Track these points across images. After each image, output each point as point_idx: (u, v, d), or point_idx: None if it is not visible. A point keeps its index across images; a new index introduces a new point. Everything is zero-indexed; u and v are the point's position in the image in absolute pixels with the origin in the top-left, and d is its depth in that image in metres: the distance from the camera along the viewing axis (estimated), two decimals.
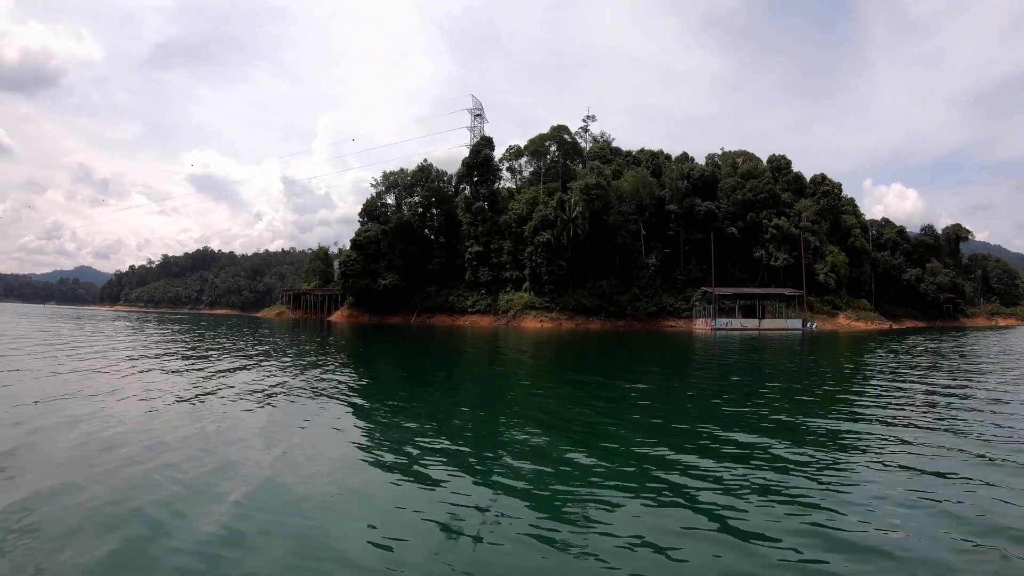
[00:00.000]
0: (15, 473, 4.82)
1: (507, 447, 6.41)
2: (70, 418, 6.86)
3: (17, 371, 10.85)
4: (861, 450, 6.18)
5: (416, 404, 9.46)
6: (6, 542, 3.55)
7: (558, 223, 58.37)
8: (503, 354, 22.63)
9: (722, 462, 5.65)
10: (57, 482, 4.58)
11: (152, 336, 24.75)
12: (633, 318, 58.79)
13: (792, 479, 5.09)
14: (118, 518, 3.94)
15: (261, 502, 4.33)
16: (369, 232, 65.43)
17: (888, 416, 8.09)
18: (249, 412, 7.72)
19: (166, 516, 3.99)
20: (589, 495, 4.69)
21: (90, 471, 4.91)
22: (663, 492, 4.79)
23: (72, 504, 4.16)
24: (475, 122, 72.90)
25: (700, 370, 16.47)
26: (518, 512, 4.33)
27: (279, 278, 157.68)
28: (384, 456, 5.89)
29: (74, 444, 5.77)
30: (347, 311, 66.72)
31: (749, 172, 66.58)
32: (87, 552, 3.45)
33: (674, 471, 5.31)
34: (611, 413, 8.39)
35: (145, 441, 5.96)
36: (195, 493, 4.48)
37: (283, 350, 19.75)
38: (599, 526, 4.04)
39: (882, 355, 20.99)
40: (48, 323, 35.67)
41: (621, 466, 5.49)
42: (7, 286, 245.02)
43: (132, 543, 3.58)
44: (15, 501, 4.15)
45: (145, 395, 8.67)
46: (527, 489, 4.85)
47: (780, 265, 62.21)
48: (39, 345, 17.02)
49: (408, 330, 44.39)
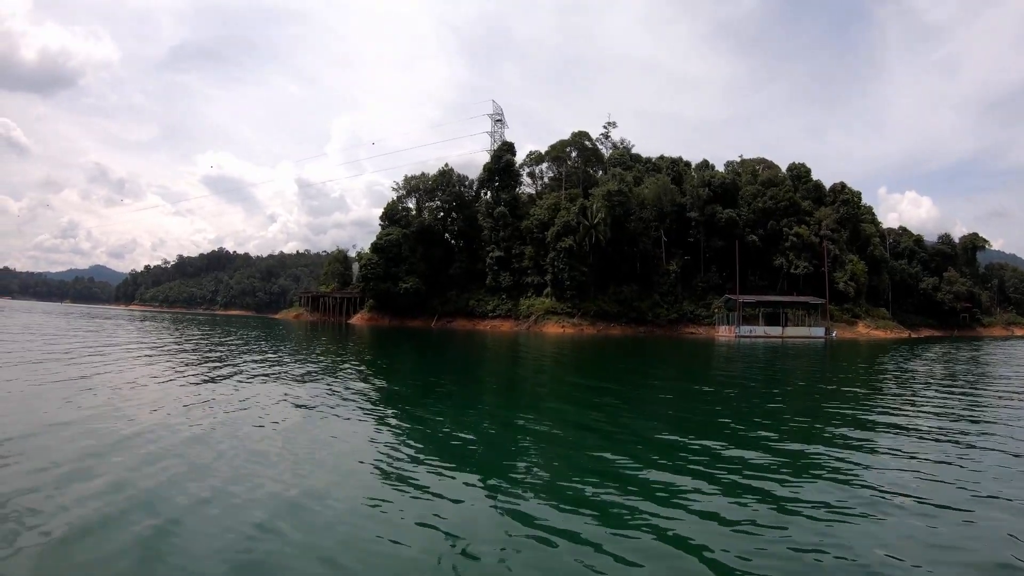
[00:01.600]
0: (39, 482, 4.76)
1: (549, 455, 6.47)
2: (92, 418, 6.95)
3: (82, 378, 11.15)
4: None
5: (449, 408, 9.63)
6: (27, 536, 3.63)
7: (580, 229, 58.67)
8: (536, 359, 22.89)
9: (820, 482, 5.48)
10: (73, 489, 4.54)
11: (192, 338, 25.05)
12: (654, 324, 59.00)
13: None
14: (127, 520, 3.97)
15: (279, 510, 4.35)
16: (390, 236, 65.87)
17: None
18: (274, 416, 7.78)
19: (181, 521, 4.03)
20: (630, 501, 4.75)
21: (105, 471, 5.00)
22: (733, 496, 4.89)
23: (86, 508, 4.16)
24: (495, 127, 73.41)
25: (769, 381, 16.58)
26: (538, 517, 4.35)
27: (294, 280, 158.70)
28: (409, 457, 5.98)
29: (88, 443, 5.86)
30: (367, 314, 67.12)
31: (769, 180, 66.82)
32: (101, 554, 3.48)
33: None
34: (698, 431, 8.15)
35: (184, 439, 6.17)
36: (214, 496, 4.52)
37: (312, 353, 20.19)
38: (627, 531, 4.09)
39: (923, 363, 21.17)
40: (86, 322, 36.13)
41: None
42: (23, 284, 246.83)
43: (138, 546, 3.61)
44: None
45: (190, 399, 8.84)
46: (551, 495, 4.88)
47: (800, 273, 62.32)
48: (99, 348, 17.38)
49: (430, 334, 44.78)
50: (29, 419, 6.83)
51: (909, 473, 5.75)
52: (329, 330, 45.76)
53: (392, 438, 6.97)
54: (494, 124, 73.60)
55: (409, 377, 15.39)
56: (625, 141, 72.65)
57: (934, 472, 5.83)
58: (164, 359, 15.03)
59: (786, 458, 6.36)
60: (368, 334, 41.65)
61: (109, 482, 4.77)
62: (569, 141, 68.11)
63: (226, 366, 14.00)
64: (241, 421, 7.35)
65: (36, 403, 7.86)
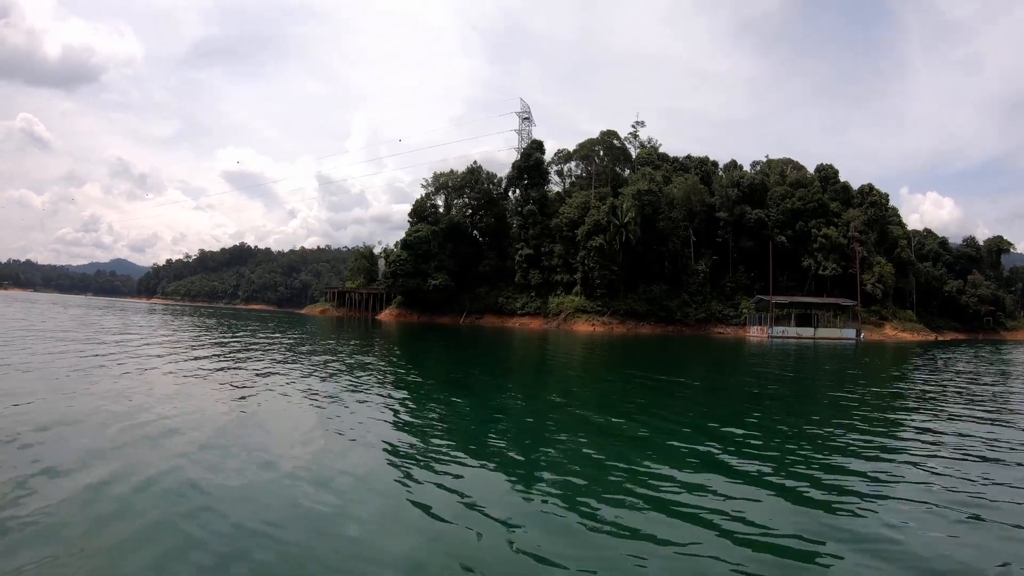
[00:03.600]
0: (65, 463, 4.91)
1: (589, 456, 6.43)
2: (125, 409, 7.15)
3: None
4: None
5: (493, 401, 10.14)
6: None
7: (610, 228, 59.02)
8: (586, 355, 23.28)
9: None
10: (95, 474, 4.64)
11: (235, 333, 25.46)
12: (682, 324, 59.36)
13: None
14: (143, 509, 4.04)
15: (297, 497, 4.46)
16: (419, 232, 66.48)
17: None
18: (301, 407, 8.10)
19: (199, 509, 4.08)
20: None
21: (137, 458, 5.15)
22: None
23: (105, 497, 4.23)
24: (523, 125, 73.81)
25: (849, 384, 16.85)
26: (559, 511, 4.42)
27: (315, 275, 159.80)
28: (440, 449, 6.16)
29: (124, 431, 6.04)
30: (396, 310, 67.84)
31: (798, 181, 66.89)
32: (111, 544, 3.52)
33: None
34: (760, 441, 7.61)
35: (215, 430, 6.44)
36: (235, 488, 4.60)
37: (349, 347, 20.70)
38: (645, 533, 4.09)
39: (968, 364, 21.46)
40: (134, 317, 36.98)
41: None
42: (45, 277, 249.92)
43: (150, 532, 3.68)
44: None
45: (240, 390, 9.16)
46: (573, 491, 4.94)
47: (828, 275, 62.44)
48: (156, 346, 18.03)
49: (460, 330, 45.26)
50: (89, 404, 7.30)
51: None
52: (359, 326, 46.50)
53: (438, 426, 7.40)
54: (522, 122, 74.05)
55: (454, 370, 16.14)
56: (652, 140, 72.81)
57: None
58: (233, 355, 15.47)
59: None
60: (399, 330, 42.20)
61: (176, 455, 5.19)
62: (597, 140, 68.43)
63: (273, 359, 14.51)
64: (290, 409, 7.89)
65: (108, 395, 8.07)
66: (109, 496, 4.20)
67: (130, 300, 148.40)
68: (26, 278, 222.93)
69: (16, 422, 6.06)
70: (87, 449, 5.29)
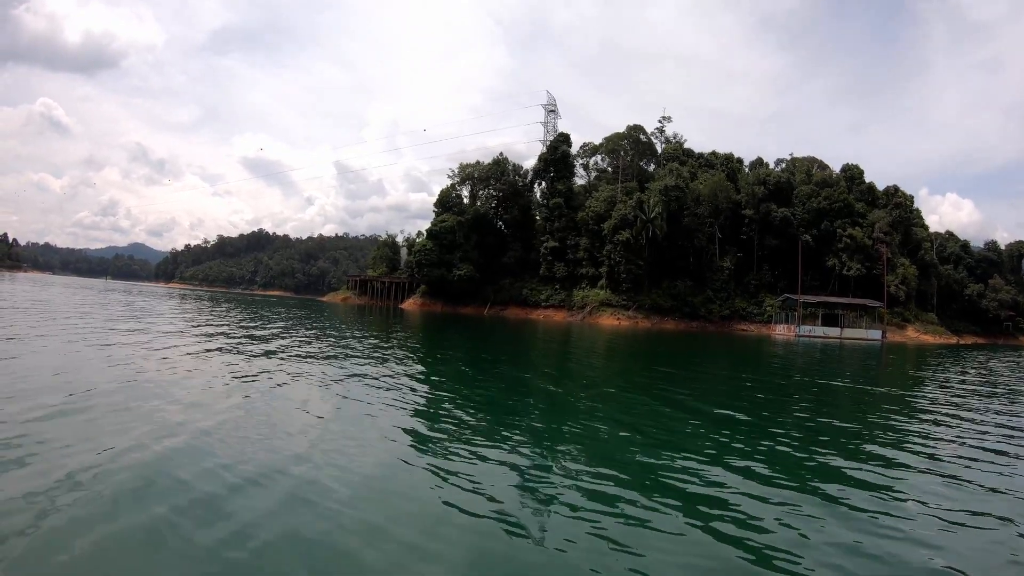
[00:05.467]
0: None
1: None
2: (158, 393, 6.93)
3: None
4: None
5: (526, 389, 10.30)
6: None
7: (637, 223, 59.33)
8: (611, 351, 23.28)
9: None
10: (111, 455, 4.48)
11: (267, 319, 25.75)
12: (706, 320, 59.71)
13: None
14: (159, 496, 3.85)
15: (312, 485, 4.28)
16: (445, 222, 66.96)
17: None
18: (322, 395, 7.90)
19: (216, 497, 3.90)
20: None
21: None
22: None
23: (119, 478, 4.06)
24: (549, 118, 73.95)
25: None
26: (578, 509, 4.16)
27: (332, 263, 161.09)
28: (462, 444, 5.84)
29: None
30: (419, 299, 68.45)
31: (824, 180, 66.92)
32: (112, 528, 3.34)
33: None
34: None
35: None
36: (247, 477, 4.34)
37: (382, 335, 20.82)
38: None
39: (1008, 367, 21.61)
40: (168, 301, 37.64)
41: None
42: (63, 260, 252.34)
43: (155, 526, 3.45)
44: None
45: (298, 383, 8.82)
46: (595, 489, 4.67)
47: (852, 275, 62.58)
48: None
49: (484, 321, 45.63)
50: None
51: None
52: (384, 314, 46.99)
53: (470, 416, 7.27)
54: (547, 114, 74.15)
55: (485, 357, 16.55)
56: (678, 136, 72.90)
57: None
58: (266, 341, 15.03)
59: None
60: (424, 319, 42.73)
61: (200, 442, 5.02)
62: (624, 134, 68.60)
63: (306, 345, 14.65)
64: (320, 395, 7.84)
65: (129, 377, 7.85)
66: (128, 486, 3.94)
67: (149, 284, 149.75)
68: (44, 261, 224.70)
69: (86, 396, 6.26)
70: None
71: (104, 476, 4.04)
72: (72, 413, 5.58)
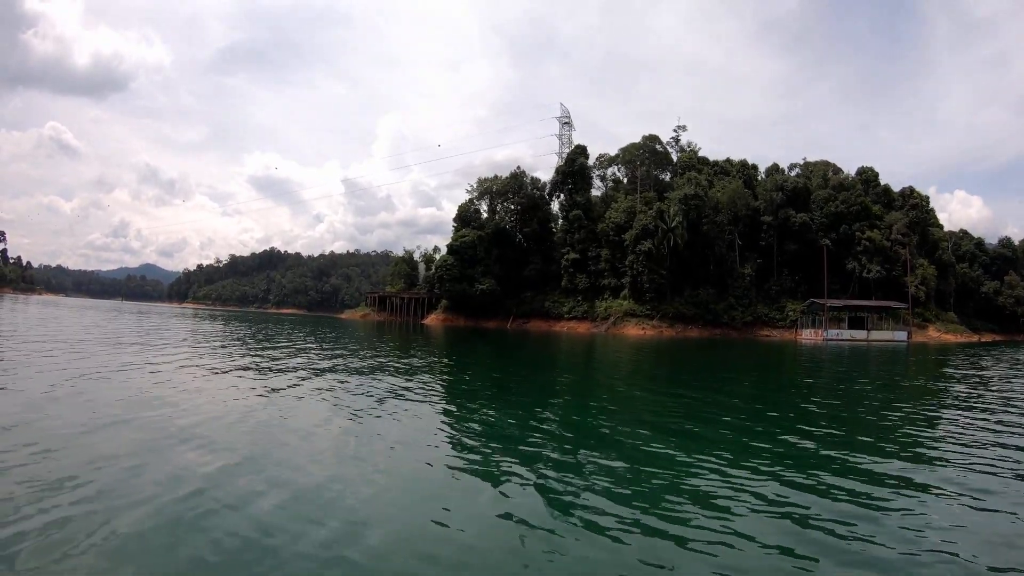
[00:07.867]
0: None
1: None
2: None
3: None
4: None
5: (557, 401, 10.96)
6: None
7: (658, 232, 59.84)
8: (674, 363, 23.28)
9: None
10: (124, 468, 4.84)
11: (291, 339, 25.25)
12: (729, 327, 60.06)
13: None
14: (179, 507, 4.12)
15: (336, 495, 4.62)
16: (465, 237, 67.53)
17: None
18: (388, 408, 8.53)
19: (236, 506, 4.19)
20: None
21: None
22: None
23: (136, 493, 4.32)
24: (563, 130, 74.74)
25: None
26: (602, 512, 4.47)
27: (345, 279, 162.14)
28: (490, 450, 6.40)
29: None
30: (441, 314, 68.90)
31: (840, 184, 67.46)
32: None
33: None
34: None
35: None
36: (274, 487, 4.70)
37: (410, 352, 21.46)
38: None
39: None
40: (185, 322, 37.90)
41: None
42: (76, 282, 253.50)
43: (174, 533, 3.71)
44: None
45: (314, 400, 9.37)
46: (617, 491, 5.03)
47: (872, 277, 62.98)
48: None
49: (507, 335, 45.90)
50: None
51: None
52: (406, 330, 47.34)
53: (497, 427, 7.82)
54: (562, 126, 74.95)
55: (515, 372, 17.25)
56: (692, 144, 73.55)
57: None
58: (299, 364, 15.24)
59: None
60: (448, 334, 43.00)
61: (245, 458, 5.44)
62: (640, 144, 69.24)
63: (334, 362, 15.33)
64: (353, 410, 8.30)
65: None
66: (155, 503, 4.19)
67: (162, 304, 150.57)
68: (57, 283, 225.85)
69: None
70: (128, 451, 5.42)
71: (162, 506, 4.16)
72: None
